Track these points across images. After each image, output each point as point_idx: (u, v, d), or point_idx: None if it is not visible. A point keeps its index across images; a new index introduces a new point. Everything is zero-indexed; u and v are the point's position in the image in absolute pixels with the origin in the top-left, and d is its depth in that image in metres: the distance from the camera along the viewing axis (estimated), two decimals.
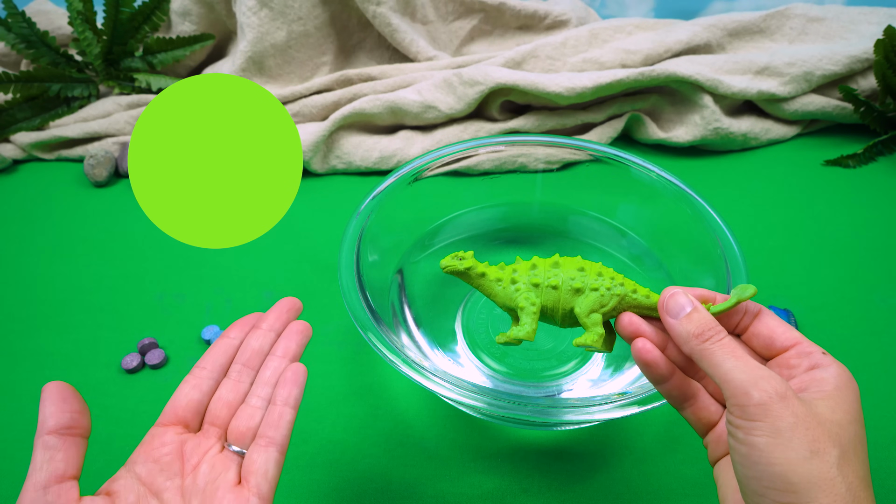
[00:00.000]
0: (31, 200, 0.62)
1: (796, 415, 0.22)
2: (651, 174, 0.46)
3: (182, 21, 0.69)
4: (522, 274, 0.32)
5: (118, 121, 0.65)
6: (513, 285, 0.32)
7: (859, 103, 0.64)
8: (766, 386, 0.22)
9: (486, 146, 0.49)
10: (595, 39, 0.69)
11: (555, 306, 0.31)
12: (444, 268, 0.33)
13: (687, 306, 0.26)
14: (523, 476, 0.40)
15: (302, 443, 0.41)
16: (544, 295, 0.31)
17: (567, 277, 0.31)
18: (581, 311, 0.30)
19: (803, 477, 0.21)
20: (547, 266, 0.32)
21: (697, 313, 0.26)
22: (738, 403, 0.23)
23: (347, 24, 0.70)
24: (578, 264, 0.31)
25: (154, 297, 0.51)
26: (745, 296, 0.27)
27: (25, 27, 0.65)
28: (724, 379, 0.23)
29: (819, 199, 0.61)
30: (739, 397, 0.23)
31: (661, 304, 0.27)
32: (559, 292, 0.31)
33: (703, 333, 0.25)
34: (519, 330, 0.31)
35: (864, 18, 0.71)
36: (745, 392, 0.22)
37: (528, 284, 0.31)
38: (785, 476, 0.21)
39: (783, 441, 0.22)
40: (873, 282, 0.52)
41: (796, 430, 0.22)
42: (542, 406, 0.33)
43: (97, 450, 0.41)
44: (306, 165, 0.63)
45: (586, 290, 0.31)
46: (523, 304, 0.31)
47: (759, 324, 0.27)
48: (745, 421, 0.22)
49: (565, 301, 0.31)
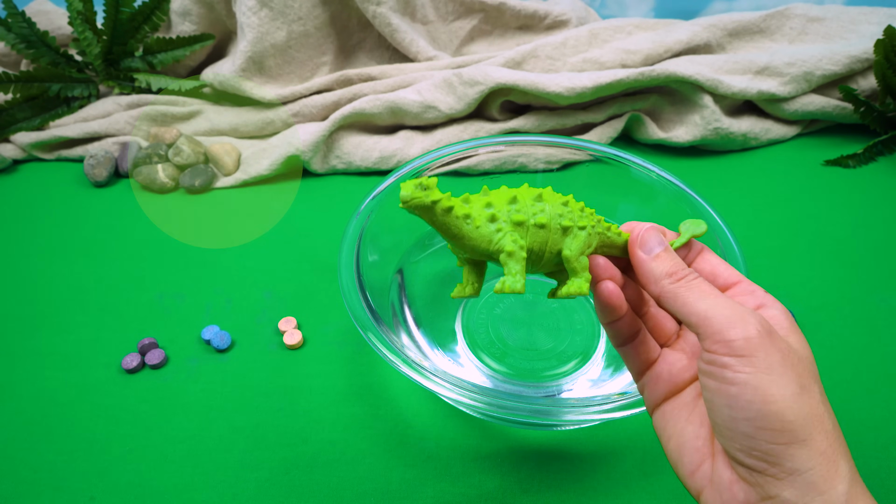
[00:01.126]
0: (31, 200, 0.62)
1: (782, 350, 0.21)
2: (651, 174, 0.46)
3: (182, 21, 0.69)
4: (500, 207, 0.26)
5: (118, 121, 0.65)
6: (491, 223, 0.26)
7: (859, 103, 0.64)
8: (753, 321, 0.21)
9: (486, 146, 0.49)
10: (595, 39, 0.69)
11: (541, 249, 0.26)
12: (406, 201, 0.24)
13: (657, 247, 0.25)
14: (523, 476, 0.40)
15: (302, 443, 0.41)
16: (531, 235, 0.26)
17: (556, 214, 0.26)
18: (571, 253, 0.26)
19: (798, 414, 0.20)
20: (529, 199, 0.26)
21: (667, 253, 0.25)
22: (724, 339, 0.21)
23: (347, 24, 0.70)
24: (561, 198, 0.27)
25: (154, 297, 0.51)
26: (697, 232, 0.27)
27: (25, 27, 0.65)
28: (704, 316, 0.22)
29: (819, 199, 0.61)
30: (725, 333, 0.21)
31: (635, 240, 0.26)
32: (547, 231, 0.26)
33: (676, 273, 0.24)
34: (512, 282, 0.25)
35: (864, 18, 0.71)
36: (732, 327, 0.21)
37: (510, 222, 0.26)
38: (781, 414, 0.20)
39: (776, 377, 0.21)
40: (873, 282, 0.52)
41: (785, 365, 0.21)
42: (542, 406, 0.33)
43: (97, 450, 0.41)
44: (306, 165, 0.63)
45: (574, 229, 0.26)
46: (511, 247, 0.25)
47: (701, 261, 0.27)
48: (733, 358, 0.21)
49: (553, 242, 0.26)
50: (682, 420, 0.25)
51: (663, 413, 0.26)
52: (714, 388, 0.22)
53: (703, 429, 0.24)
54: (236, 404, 0.44)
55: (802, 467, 0.20)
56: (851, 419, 0.42)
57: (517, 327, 0.46)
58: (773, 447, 0.20)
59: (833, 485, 0.20)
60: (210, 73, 0.69)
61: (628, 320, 0.27)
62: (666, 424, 0.25)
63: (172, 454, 0.41)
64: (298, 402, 0.44)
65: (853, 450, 0.39)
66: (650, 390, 0.27)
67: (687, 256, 0.27)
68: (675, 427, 0.25)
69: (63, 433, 0.42)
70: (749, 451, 0.21)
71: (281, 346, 0.47)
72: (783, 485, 0.20)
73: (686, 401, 0.25)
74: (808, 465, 0.20)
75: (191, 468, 0.40)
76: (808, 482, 0.20)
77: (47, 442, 0.42)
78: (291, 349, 0.47)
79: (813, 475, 0.20)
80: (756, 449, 0.21)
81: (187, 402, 0.44)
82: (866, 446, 0.40)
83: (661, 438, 0.26)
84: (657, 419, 0.26)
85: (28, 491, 0.39)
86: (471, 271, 0.28)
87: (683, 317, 0.23)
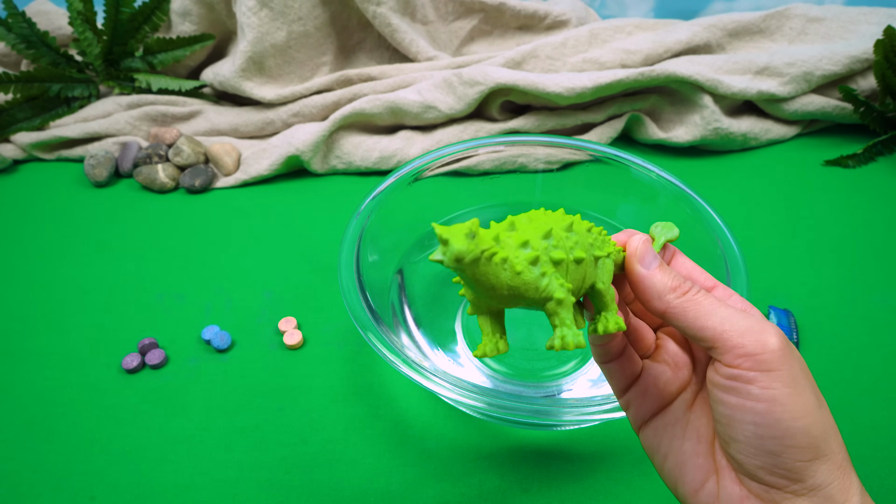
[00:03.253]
0: (31, 200, 0.62)
1: (800, 361, 0.20)
2: (651, 174, 0.46)
3: (182, 21, 0.69)
4: (537, 247, 0.21)
5: (118, 121, 0.65)
6: (534, 267, 0.21)
7: (859, 103, 0.64)
8: (773, 332, 0.20)
9: (486, 146, 0.49)
10: (595, 39, 0.69)
11: (578, 287, 0.23)
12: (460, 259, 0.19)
13: (654, 260, 0.24)
14: (523, 476, 0.40)
15: (302, 443, 0.41)
16: (570, 273, 0.22)
17: (587, 244, 0.23)
18: (605, 286, 0.23)
19: (820, 429, 0.20)
20: (562, 230, 0.23)
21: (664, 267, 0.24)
22: (747, 353, 0.20)
23: (347, 25, 0.70)
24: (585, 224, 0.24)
25: (154, 297, 0.51)
26: (671, 237, 0.26)
27: (26, 27, 0.65)
28: (721, 329, 0.21)
29: (819, 199, 0.61)
30: (749, 346, 0.20)
31: (633, 254, 0.24)
32: (584, 266, 0.23)
33: (678, 287, 0.23)
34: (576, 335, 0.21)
35: (863, 18, 0.71)
36: (755, 339, 0.20)
37: (549, 263, 0.21)
38: (808, 430, 0.19)
39: (801, 391, 0.20)
40: (873, 282, 0.52)
41: (805, 378, 0.20)
42: (542, 406, 0.33)
43: (97, 450, 0.41)
44: (306, 165, 0.63)
45: (602, 259, 0.24)
46: (561, 293, 0.21)
47: (676, 266, 0.26)
48: (759, 373, 0.20)
49: (588, 277, 0.23)
50: (677, 437, 0.23)
51: (655, 430, 0.24)
52: (736, 404, 0.20)
53: (703, 444, 0.23)
54: (236, 404, 0.44)
55: (824, 482, 0.20)
56: (851, 419, 0.42)
57: (517, 327, 0.46)
58: (798, 464, 0.20)
59: (849, 496, 0.20)
60: (210, 73, 0.69)
61: (619, 337, 0.25)
62: (660, 442, 0.24)
63: (172, 454, 0.41)
64: (298, 402, 0.44)
65: (852, 451, 0.39)
66: (637, 406, 0.25)
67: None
68: (671, 444, 0.23)
69: (63, 433, 0.42)
70: (772, 469, 0.20)
71: (281, 346, 0.47)
72: (802, 500, 0.20)
73: (677, 416, 0.24)
74: (829, 480, 0.20)
75: (191, 468, 0.40)
76: (827, 496, 0.20)
77: (47, 442, 0.42)
78: (291, 349, 0.47)
79: (832, 489, 0.20)
80: (780, 466, 0.20)
81: (187, 402, 0.44)
82: (866, 446, 0.40)
83: (654, 457, 0.24)
84: (647, 436, 0.25)
85: (28, 491, 0.39)
86: (493, 323, 0.23)
87: (695, 332, 0.22)
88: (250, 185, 0.63)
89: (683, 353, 0.25)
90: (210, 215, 0.60)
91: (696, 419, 0.23)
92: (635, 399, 0.25)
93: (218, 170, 0.64)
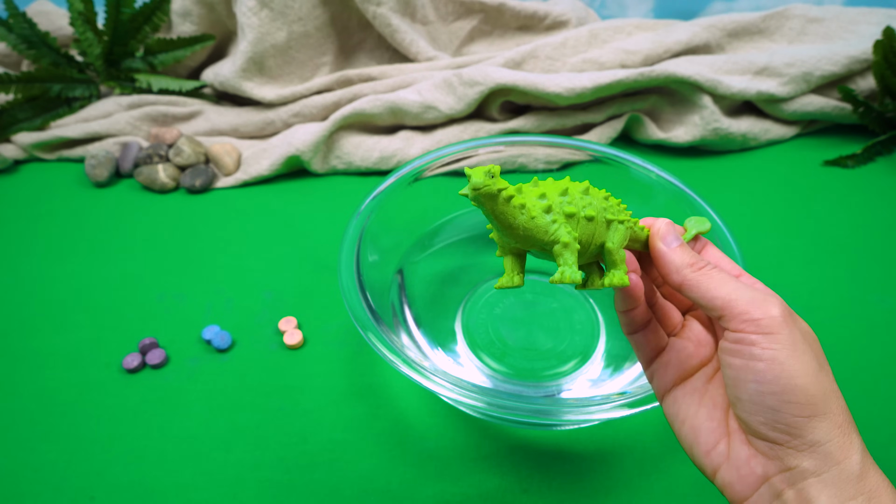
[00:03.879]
0: (31, 200, 0.62)
1: (802, 330, 0.23)
2: (650, 174, 0.46)
3: (183, 21, 0.69)
4: (553, 200, 0.26)
5: (119, 121, 0.65)
6: (547, 214, 0.26)
7: (858, 104, 0.64)
8: (775, 301, 0.23)
9: (486, 146, 0.49)
10: (595, 40, 0.69)
11: (587, 241, 0.27)
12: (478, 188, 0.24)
13: (675, 241, 0.27)
14: (523, 476, 0.40)
15: (302, 443, 0.42)
16: (580, 227, 0.26)
17: (601, 207, 0.27)
18: (614, 245, 0.27)
19: (818, 389, 0.22)
20: (578, 192, 0.27)
21: (685, 246, 0.27)
22: (750, 318, 0.23)
23: (347, 25, 0.70)
24: (603, 192, 0.28)
25: (155, 297, 0.52)
26: (702, 229, 0.29)
27: (26, 28, 0.65)
28: (728, 300, 0.24)
29: (818, 199, 0.61)
30: (752, 313, 0.23)
31: (656, 233, 0.28)
32: (594, 224, 0.27)
33: (695, 263, 0.26)
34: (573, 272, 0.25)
35: (863, 19, 0.71)
36: (758, 307, 0.23)
37: (562, 214, 0.26)
38: (805, 388, 0.22)
39: (800, 354, 0.22)
40: (872, 282, 0.52)
41: (806, 343, 0.23)
42: (542, 406, 0.33)
43: (97, 450, 0.41)
44: (306, 165, 0.63)
45: (615, 223, 0.27)
46: (567, 238, 0.25)
47: (706, 255, 0.28)
48: (760, 336, 0.23)
49: (598, 235, 0.27)
50: (694, 404, 0.26)
51: (675, 398, 0.27)
52: (740, 365, 0.23)
53: (717, 410, 0.25)
54: (236, 404, 0.44)
55: (822, 439, 0.22)
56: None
57: (517, 327, 0.46)
58: (796, 420, 0.22)
59: (848, 455, 0.22)
60: (210, 74, 0.69)
61: (642, 309, 0.28)
62: (678, 409, 0.27)
63: (172, 454, 0.41)
64: (299, 402, 0.44)
65: None
66: (660, 377, 0.28)
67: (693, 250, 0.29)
68: (689, 410, 0.26)
69: (63, 433, 0.42)
70: (773, 425, 0.22)
71: (281, 346, 0.48)
72: (803, 456, 0.22)
73: (696, 386, 0.27)
74: (828, 437, 0.22)
75: (191, 468, 0.40)
76: (826, 453, 0.22)
77: (47, 442, 0.42)
78: (292, 349, 0.47)
79: (831, 446, 0.22)
80: (780, 422, 0.22)
81: (188, 402, 0.44)
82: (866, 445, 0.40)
83: (673, 423, 0.27)
84: (668, 405, 0.27)
85: (28, 491, 0.39)
86: (514, 262, 0.29)
87: (707, 302, 0.24)
88: (250, 185, 0.63)
89: (707, 333, 0.28)
90: (210, 215, 0.60)
91: (713, 390, 0.26)
92: (659, 369, 0.28)
93: (218, 170, 0.64)
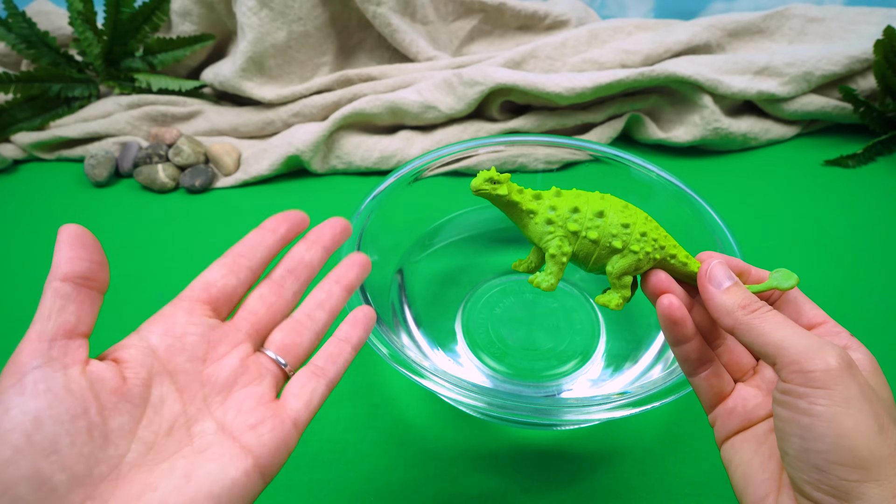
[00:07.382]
0: (31, 200, 0.62)
1: (862, 386, 0.21)
2: (651, 174, 0.46)
3: (182, 21, 0.69)
4: (561, 213, 0.28)
5: (118, 121, 0.65)
6: (547, 225, 0.28)
7: (859, 103, 0.64)
8: (833, 353, 0.21)
9: (486, 146, 0.49)
10: (595, 40, 0.69)
11: (587, 257, 0.28)
12: (475, 190, 0.28)
13: (726, 281, 0.25)
14: (523, 476, 0.40)
15: (302, 443, 0.41)
16: (579, 244, 0.28)
17: (609, 233, 0.28)
18: (613, 270, 0.28)
19: (872, 452, 0.20)
20: (591, 213, 0.28)
21: (738, 286, 0.25)
22: (801, 370, 0.21)
23: (347, 25, 0.70)
24: (623, 217, 0.28)
25: (154, 297, 0.51)
26: (783, 286, 0.26)
27: (26, 27, 0.65)
28: (780, 346, 0.22)
29: (819, 199, 0.61)
30: (803, 363, 0.21)
31: (703, 273, 0.26)
32: (597, 247, 0.28)
33: (749, 305, 0.24)
34: (543, 280, 0.28)
35: (863, 19, 0.71)
36: (811, 358, 0.21)
37: (564, 228, 0.28)
38: (854, 450, 0.20)
39: (853, 412, 0.20)
40: (873, 282, 0.52)
41: (864, 401, 0.20)
42: (542, 406, 0.33)
43: None
44: (306, 165, 0.63)
45: (626, 251, 0.28)
46: (554, 251, 0.28)
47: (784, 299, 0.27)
48: (809, 389, 0.21)
49: (600, 257, 0.28)
50: (749, 451, 0.25)
51: (732, 444, 0.26)
52: (787, 417, 0.21)
53: (771, 462, 0.24)
54: None
55: None
56: None
57: (517, 327, 0.46)
58: (844, 483, 0.20)
59: None
60: (210, 73, 0.69)
61: (696, 346, 0.27)
62: (734, 455, 0.25)
63: None
64: None
65: None
66: (721, 423, 0.26)
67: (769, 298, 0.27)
68: (743, 457, 0.25)
69: None
70: (818, 485, 0.21)
71: None
72: None
73: (757, 433, 0.25)
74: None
75: None
76: None
77: None
78: None
79: None
80: (825, 483, 0.20)
81: None
82: None
83: (727, 468, 0.26)
84: (726, 451, 0.26)
85: None
86: (536, 252, 0.31)
87: (759, 347, 0.23)
88: (250, 185, 0.63)
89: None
90: (210, 215, 0.60)
91: (772, 440, 0.24)
92: (721, 416, 0.26)
93: (218, 170, 0.64)
